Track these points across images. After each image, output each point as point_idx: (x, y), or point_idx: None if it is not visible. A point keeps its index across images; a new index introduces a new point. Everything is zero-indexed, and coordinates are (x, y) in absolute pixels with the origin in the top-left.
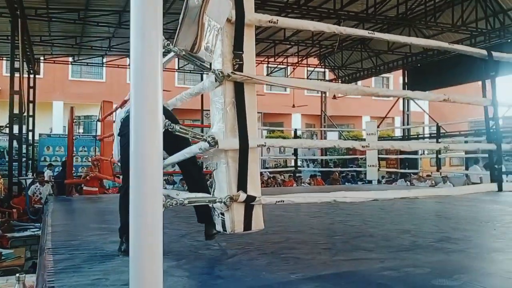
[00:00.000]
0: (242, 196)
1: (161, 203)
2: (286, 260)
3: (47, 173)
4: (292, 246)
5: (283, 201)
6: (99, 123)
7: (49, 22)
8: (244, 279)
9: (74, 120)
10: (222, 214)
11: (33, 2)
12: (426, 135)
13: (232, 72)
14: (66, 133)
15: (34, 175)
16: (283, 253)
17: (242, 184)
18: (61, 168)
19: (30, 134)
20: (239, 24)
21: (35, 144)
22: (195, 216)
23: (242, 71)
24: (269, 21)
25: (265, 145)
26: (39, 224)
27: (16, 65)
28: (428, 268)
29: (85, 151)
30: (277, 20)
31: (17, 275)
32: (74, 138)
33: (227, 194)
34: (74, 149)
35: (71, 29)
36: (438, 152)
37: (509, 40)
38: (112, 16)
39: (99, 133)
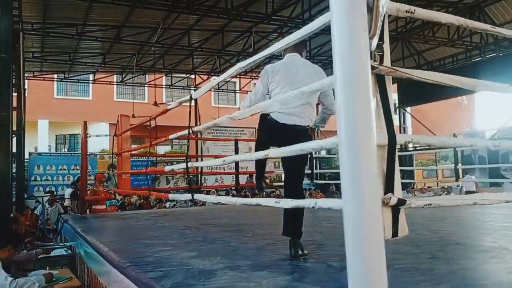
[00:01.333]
0: (394, 199)
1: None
2: (407, 271)
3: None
4: (390, 257)
5: (431, 205)
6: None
7: (43, 37)
8: None
9: (88, 135)
10: None
11: (29, 16)
12: (410, 149)
13: (378, 64)
14: (52, 151)
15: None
16: (394, 264)
17: (389, 185)
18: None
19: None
20: None
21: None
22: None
23: (383, 63)
24: (406, 11)
25: (411, 141)
26: (62, 244)
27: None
28: None
29: (64, 169)
30: (414, 10)
31: None
32: (88, 154)
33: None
34: (66, 167)
35: (65, 45)
36: (457, 162)
37: (501, 54)
38: (110, 31)
39: (93, 150)
